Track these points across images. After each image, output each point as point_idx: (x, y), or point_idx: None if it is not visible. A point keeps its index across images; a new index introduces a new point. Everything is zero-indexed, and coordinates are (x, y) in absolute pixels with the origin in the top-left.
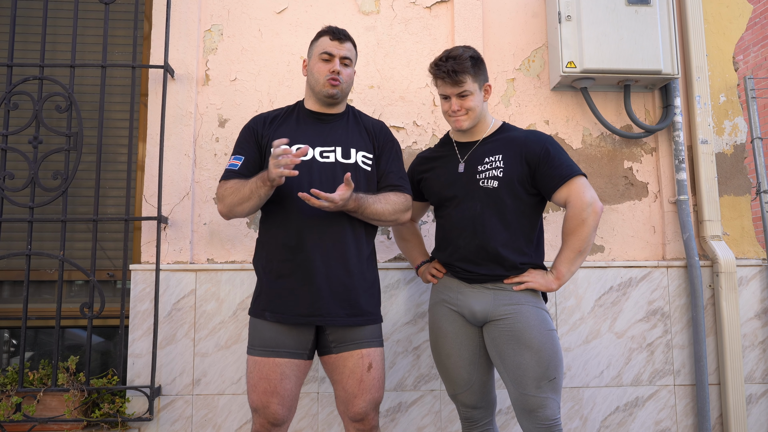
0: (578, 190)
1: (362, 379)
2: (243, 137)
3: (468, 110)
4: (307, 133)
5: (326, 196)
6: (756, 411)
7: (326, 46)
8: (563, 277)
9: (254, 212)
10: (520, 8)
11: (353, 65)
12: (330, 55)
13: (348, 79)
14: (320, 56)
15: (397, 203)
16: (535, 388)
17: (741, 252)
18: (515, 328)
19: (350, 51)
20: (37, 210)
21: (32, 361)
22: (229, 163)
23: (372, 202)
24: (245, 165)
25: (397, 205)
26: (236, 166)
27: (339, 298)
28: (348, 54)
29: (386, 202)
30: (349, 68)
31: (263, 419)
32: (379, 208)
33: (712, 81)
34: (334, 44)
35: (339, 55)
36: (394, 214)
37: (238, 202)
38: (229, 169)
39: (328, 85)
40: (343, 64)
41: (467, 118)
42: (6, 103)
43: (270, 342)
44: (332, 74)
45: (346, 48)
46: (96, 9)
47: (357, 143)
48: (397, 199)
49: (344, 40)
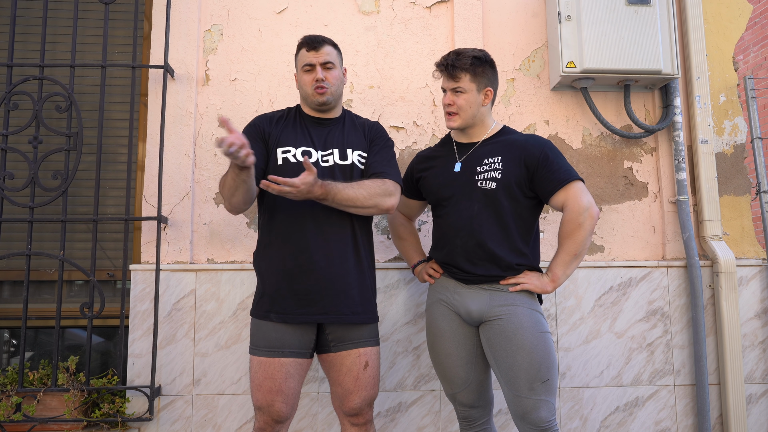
0: (576, 194)
1: (358, 377)
2: (250, 135)
3: (459, 108)
4: (309, 138)
5: (285, 181)
6: (756, 411)
7: (305, 58)
8: (558, 280)
9: (252, 200)
10: (520, 8)
11: (338, 66)
12: (311, 65)
13: (336, 81)
14: (303, 69)
15: (373, 187)
16: (528, 389)
17: (741, 252)
18: (508, 329)
19: (329, 54)
20: (37, 210)
21: (32, 361)
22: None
23: (342, 188)
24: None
25: (373, 189)
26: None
27: (341, 297)
28: (327, 58)
29: (360, 187)
30: (334, 70)
31: (267, 417)
32: (351, 193)
33: (712, 81)
34: (312, 54)
35: (318, 62)
36: (371, 199)
37: (229, 195)
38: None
39: (316, 94)
40: (326, 69)
41: (458, 118)
42: (6, 103)
43: (275, 342)
44: (317, 83)
45: (324, 53)
46: (96, 9)
47: (353, 144)
48: (373, 183)
49: (320, 46)
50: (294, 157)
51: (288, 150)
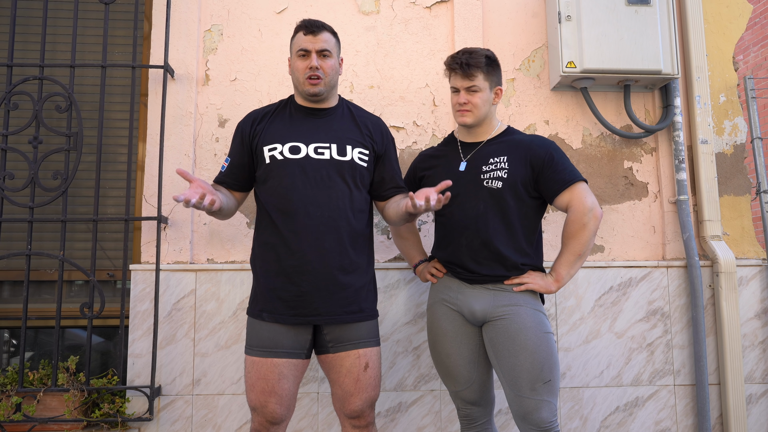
0: (580, 195)
1: (359, 378)
2: (234, 138)
3: (474, 106)
4: (300, 129)
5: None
6: (756, 411)
7: (301, 42)
8: (562, 280)
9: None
10: (520, 8)
11: (335, 56)
12: (306, 51)
13: (330, 71)
14: (297, 53)
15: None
16: (530, 390)
17: (741, 252)
18: (511, 329)
19: (327, 42)
20: (37, 210)
21: (32, 361)
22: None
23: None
24: (230, 169)
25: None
26: (224, 168)
27: (336, 297)
28: (325, 45)
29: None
30: (330, 59)
31: (262, 418)
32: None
33: (712, 81)
34: (309, 39)
35: (315, 48)
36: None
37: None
38: (220, 171)
39: (308, 84)
40: (322, 57)
41: (471, 115)
42: (6, 103)
43: (268, 342)
44: (311, 71)
45: (322, 40)
46: (96, 9)
47: (352, 139)
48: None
49: (319, 31)
50: (281, 154)
51: (274, 147)
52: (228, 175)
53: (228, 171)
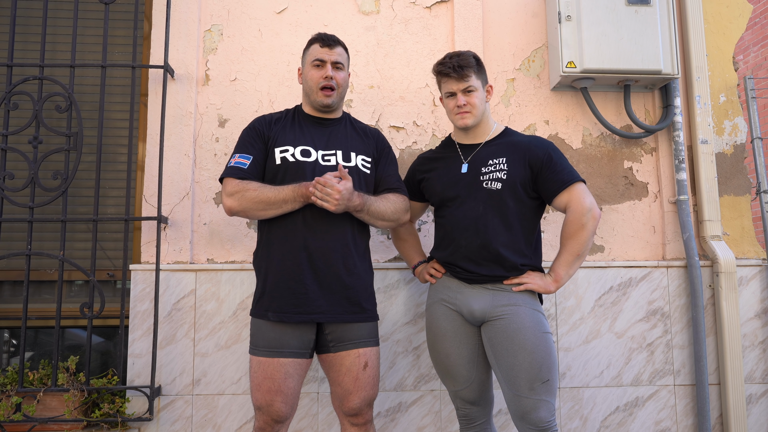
0: (579, 195)
1: (358, 377)
2: (250, 137)
3: (473, 107)
4: (309, 137)
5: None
6: (756, 411)
7: (317, 53)
8: (561, 280)
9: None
10: (520, 8)
11: (346, 69)
12: (321, 61)
13: (342, 83)
14: (312, 63)
15: (397, 203)
16: (528, 389)
17: (741, 252)
18: (510, 329)
19: (341, 55)
20: (37, 210)
21: (32, 361)
22: (234, 161)
23: (374, 201)
24: (254, 165)
25: (397, 205)
26: (245, 165)
27: (340, 296)
28: (339, 59)
29: (387, 201)
30: (342, 72)
31: (267, 416)
32: (382, 207)
33: (712, 81)
34: (325, 50)
35: (330, 60)
36: (396, 214)
37: (263, 207)
38: (237, 167)
39: (322, 95)
40: (336, 68)
41: (471, 115)
42: (6, 103)
43: (274, 342)
44: (325, 80)
45: (336, 53)
46: (96, 9)
47: (356, 147)
48: (397, 199)
49: (334, 45)
50: (292, 156)
51: (286, 149)
52: (254, 168)
53: (253, 165)
